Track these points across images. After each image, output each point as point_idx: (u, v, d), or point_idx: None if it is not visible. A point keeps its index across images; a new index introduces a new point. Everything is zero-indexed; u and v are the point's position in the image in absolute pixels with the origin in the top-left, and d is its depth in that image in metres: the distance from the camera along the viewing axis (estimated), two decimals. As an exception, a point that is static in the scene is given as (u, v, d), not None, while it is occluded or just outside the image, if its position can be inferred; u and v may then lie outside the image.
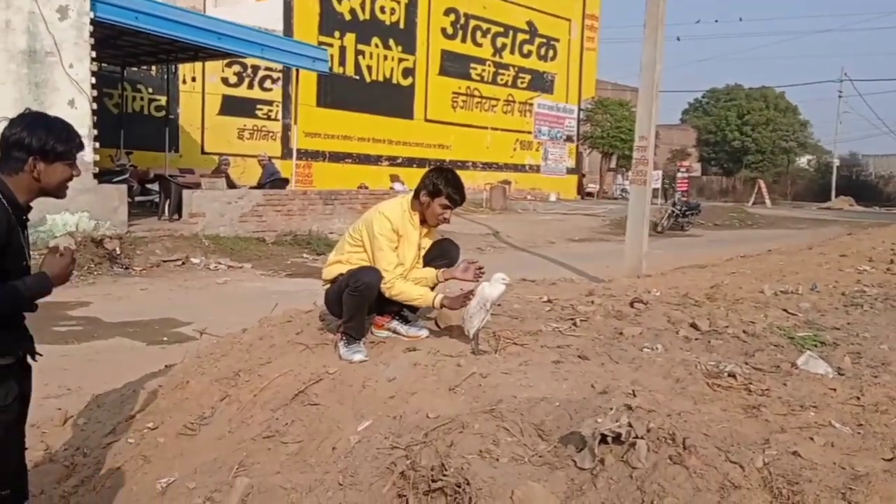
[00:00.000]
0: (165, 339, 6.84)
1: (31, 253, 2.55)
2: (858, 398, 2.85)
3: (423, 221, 3.82)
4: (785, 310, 4.85)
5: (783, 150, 48.63)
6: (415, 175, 3.98)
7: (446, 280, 3.81)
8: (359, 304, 3.62)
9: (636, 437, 2.24)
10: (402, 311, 3.92)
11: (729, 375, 3.05)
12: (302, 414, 3.31)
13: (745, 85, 50.95)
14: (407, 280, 3.71)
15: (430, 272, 3.83)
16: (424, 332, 3.88)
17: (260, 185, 15.17)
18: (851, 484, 2.08)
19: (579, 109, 35.08)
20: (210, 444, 3.34)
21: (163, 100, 18.45)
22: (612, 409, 2.46)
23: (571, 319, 4.28)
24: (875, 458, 2.29)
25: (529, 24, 31.59)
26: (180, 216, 13.22)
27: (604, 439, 2.29)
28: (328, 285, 3.83)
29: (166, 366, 4.70)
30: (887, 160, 60.82)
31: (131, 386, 4.27)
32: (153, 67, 18.77)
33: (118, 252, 10.95)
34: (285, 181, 15.73)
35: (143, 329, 7.20)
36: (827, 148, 55.51)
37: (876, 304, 5.35)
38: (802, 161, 56.26)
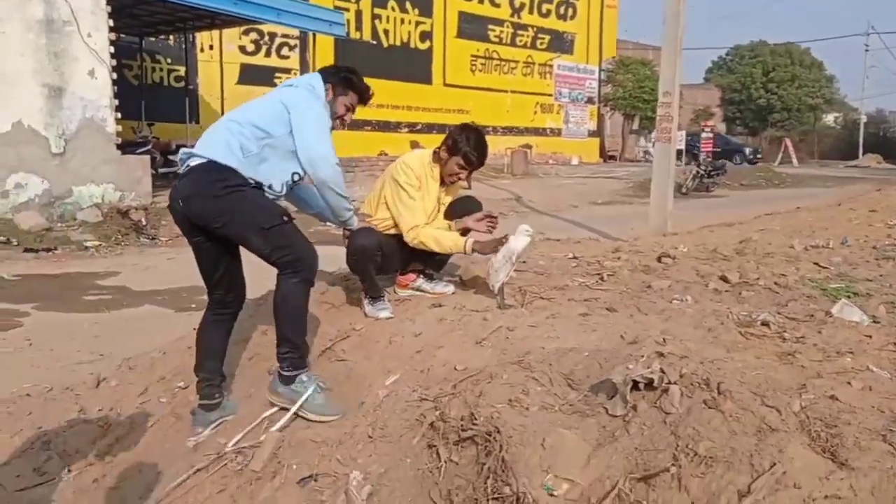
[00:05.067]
0: (193, 305, 6.88)
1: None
2: (895, 344, 2.78)
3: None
4: (816, 263, 4.75)
5: (809, 107, 47.55)
6: (435, 141, 3.91)
7: (460, 230, 3.72)
8: (362, 267, 3.60)
9: (669, 382, 2.21)
10: (427, 270, 3.90)
11: (762, 324, 3.00)
12: (329, 370, 3.32)
13: (769, 41, 49.77)
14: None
15: (443, 223, 3.77)
16: (451, 289, 3.86)
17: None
18: (892, 426, 2.03)
19: (600, 70, 34.49)
20: (240, 400, 3.36)
21: (182, 70, 18.45)
22: (643, 356, 2.42)
23: (598, 274, 4.23)
24: (915, 402, 2.23)
25: (548, -18, 31.03)
26: (203, 186, 13.24)
27: (635, 386, 2.25)
28: None
29: (195, 329, 4.73)
30: (917, 116, 59.33)
31: (161, 349, 4.31)
32: (171, 37, 18.72)
33: (144, 223, 11.05)
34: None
35: (171, 297, 7.27)
36: (853, 105, 54.33)
37: (909, 257, 5.23)
38: (829, 119, 55.09)
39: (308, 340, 3.57)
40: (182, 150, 3.18)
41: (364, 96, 3.40)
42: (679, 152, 18.29)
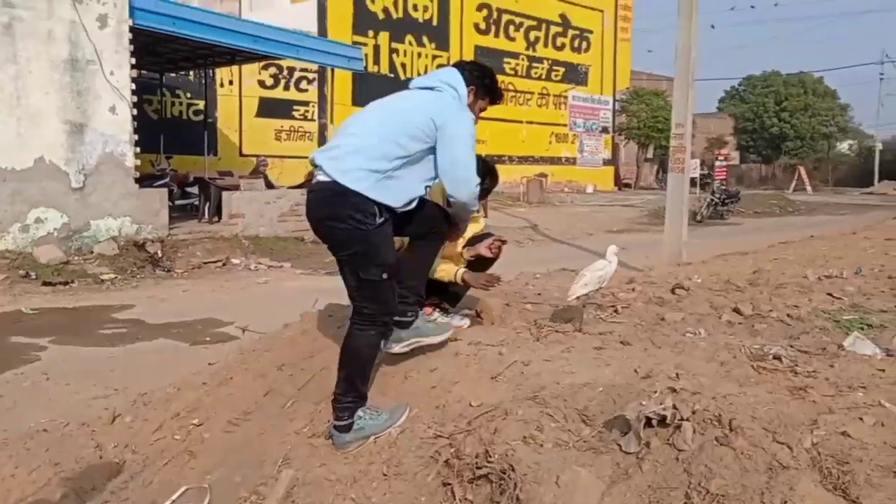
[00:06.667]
0: (208, 338, 6.93)
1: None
2: (909, 379, 2.78)
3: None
4: (829, 294, 4.74)
5: (823, 135, 47.53)
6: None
7: (471, 257, 3.78)
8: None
9: (681, 419, 2.23)
10: (442, 304, 3.94)
11: (774, 358, 3.01)
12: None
13: (782, 71, 49.92)
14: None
15: (454, 251, 3.83)
16: (466, 322, 3.89)
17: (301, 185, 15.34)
18: (904, 463, 2.04)
19: (614, 100, 34.75)
20: (254, 438, 3.38)
21: (201, 104, 18.75)
22: (656, 392, 2.45)
23: (612, 306, 4.25)
24: (928, 438, 2.23)
25: (562, 16, 31.41)
26: (220, 218, 13.42)
27: (649, 422, 2.27)
28: None
29: (210, 364, 4.77)
30: (933, 142, 59.00)
31: (176, 384, 4.33)
32: (191, 72, 19.08)
33: (160, 255, 11.16)
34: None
35: (186, 330, 7.31)
36: (868, 132, 54.15)
37: (925, 287, 5.21)
38: (843, 146, 54.94)
39: (324, 375, 3.61)
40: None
41: (497, 102, 3.38)
42: (692, 181, 18.32)
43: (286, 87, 21.69)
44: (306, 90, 21.91)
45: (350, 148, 2.95)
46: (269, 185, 15.66)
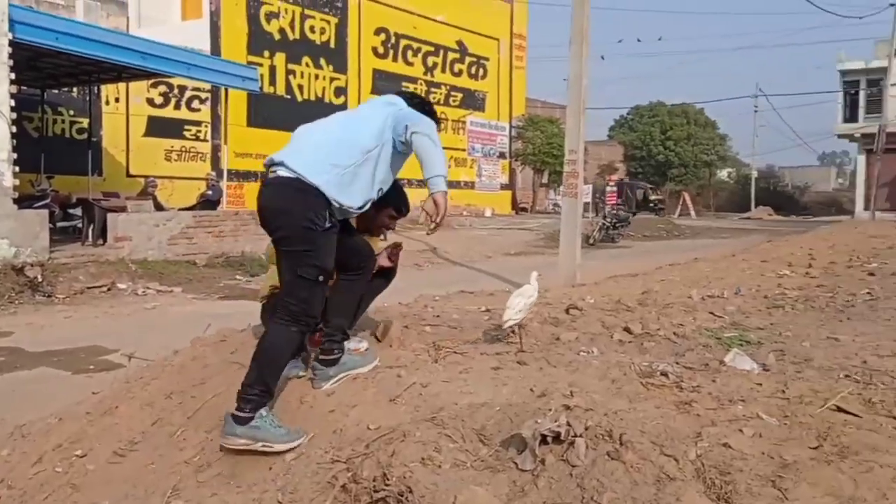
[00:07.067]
0: (92, 367, 6.60)
1: None
2: (783, 391, 2.96)
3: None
4: (712, 313, 5.01)
5: (705, 163, 50.38)
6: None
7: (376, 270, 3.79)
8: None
9: (575, 435, 2.28)
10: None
11: (661, 374, 3.13)
12: (239, 433, 3.23)
13: (666, 102, 52.67)
14: None
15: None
16: (364, 345, 3.85)
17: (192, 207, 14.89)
18: (780, 472, 2.16)
19: (510, 126, 35.64)
20: (141, 468, 3.23)
21: (85, 122, 17.92)
22: (551, 409, 2.49)
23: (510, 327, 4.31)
24: (802, 447, 2.38)
25: (459, 43, 32.01)
26: (105, 241, 12.82)
27: (544, 440, 2.31)
28: None
29: (94, 393, 4.53)
30: (802, 171, 63.81)
31: (57, 414, 4.10)
32: (75, 89, 18.22)
33: (40, 279, 10.53)
34: (216, 203, 15.45)
35: (68, 358, 6.94)
36: (745, 161, 57.87)
37: (797, 306, 5.59)
38: (723, 174, 58.52)
39: (215, 402, 3.49)
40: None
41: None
42: (585, 205, 18.97)
43: (177, 107, 21.03)
44: (199, 109, 21.31)
45: (312, 145, 3.14)
46: (159, 207, 15.12)
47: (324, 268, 3.06)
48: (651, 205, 40.56)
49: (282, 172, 3.06)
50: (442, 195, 3.11)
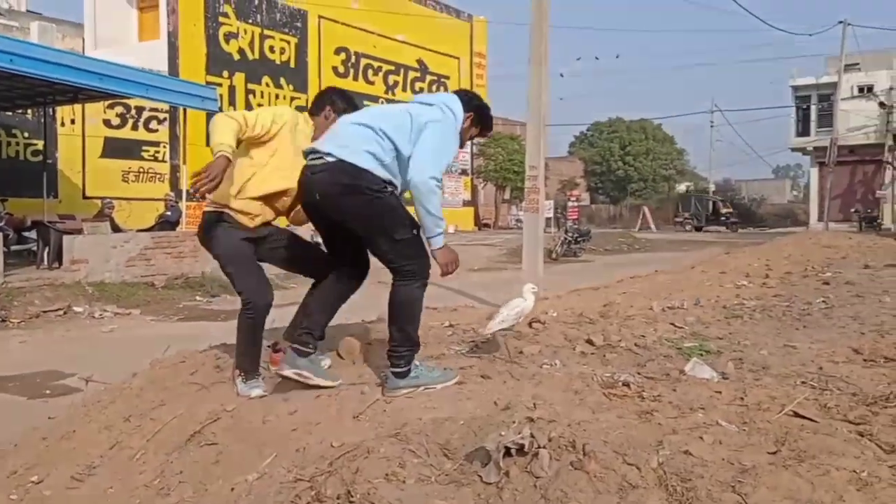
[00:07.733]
0: (48, 391, 6.45)
1: None
2: (742, 399, 3.01)
3: None
4: (672, 323, 5.07)
5: (663, 177, 51.32)
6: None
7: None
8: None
9: (539, 446, 2.29)
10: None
11: (623, 385, 3.16)
12: (199, 455, 3.18)
13: (625, 118, 53.58)
14: None
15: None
16: (327, 362, 3.83)
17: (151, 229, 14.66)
18: (740, 477, 2.19)
19: (472, 144, 35.85)
20: (100, 493, 3.16)
21: (39, 144, 17.57)
22: (514, 422, 2.50)
23: (473, 342, 4.33)
24: (760, 452, 2.42)
25: (420, 62, 32.20)
26: (61, 264, 12.54)
27: (508, 452, 2.32)
28: None
29: (50, 418, 4.43)
30: (760, 184, 65.28)
31: (12, 440, 4.00)
32: (29, 111, 17.87)
33: (-7, 304, 10.27)
34: (175, 224, 15.25)
35: (23, 383, 6.77)
36: (703, 175, 58.99)
37: (754, 315, 5.68)
38: (682, 187, 59.54)
39: (175, 424, 3.43)
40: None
41: (486, 134, 3.79)
42: (547, 220, 19.14)
43: (134, 127, 20.72)
44: (157, 130, 21.04)
45: (351, 137, 3.22)
46: (116, 229, 14.86)
47: (412, 219, 3.22)
48: (723, 217, 38.94)
49: (329, 159, 3.17)
50: (440, 253, 3.32)
